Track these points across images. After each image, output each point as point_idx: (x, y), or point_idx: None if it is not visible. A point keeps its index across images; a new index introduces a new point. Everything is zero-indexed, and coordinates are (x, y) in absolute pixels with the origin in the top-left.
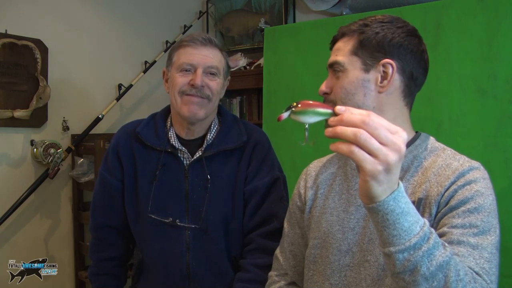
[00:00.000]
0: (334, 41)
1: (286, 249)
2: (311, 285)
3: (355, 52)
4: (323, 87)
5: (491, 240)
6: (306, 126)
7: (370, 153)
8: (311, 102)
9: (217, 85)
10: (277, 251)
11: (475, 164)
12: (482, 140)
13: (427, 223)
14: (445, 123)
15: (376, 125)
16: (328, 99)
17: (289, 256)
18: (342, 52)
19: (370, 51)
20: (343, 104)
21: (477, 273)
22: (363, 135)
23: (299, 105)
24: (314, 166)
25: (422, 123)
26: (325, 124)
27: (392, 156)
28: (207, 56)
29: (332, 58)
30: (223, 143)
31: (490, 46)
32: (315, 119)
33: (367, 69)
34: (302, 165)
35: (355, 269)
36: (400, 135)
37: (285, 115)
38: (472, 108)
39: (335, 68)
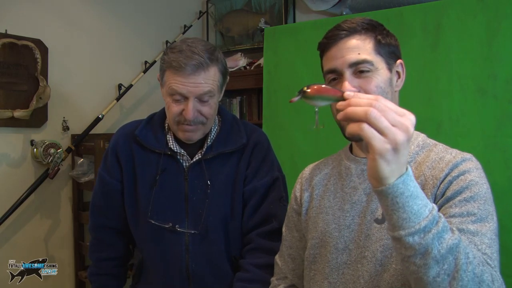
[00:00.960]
0: (336, 39)
1: (284, 253)
2: (312, 285)
3: (378, 52)
4: (350, 87)
5: (490, 226)
6: (316, 109)
7: (379, 131)
8: (322, 86)
9: (210, 109)
10: (276, 256)
11: (467, 155)
12: (482, 140)
13: (436, 208)
14: (445, 123)
15: (383, 107)
16: None
17: (288, 259)
18: (365, 50)
19: (388, 51)
20: None
21: None
22: (373, 112)
23: (309, 90)
24: (309, 169)
25: (422, 123)
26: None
27: (400, 136)
28: (199, 85)
29: (354, 57)
30: (222, 146)
31: (490, 46)
32: (325, 103)
33: (389, 69)
34: (302, 165)
35: (352, 266)
36: (408, 117)
37: (296, 98)
38: (472, 108)
39: (362, 68)
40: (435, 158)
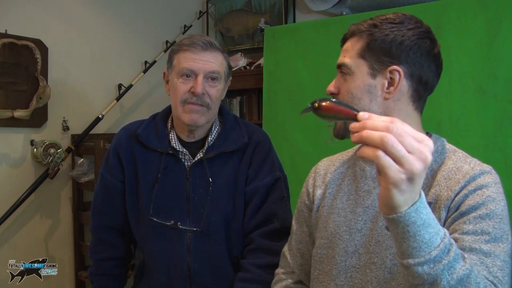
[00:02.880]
0: (344, 40)
1: (293, 247)
2: (317, 285)
3: (362, 55)
4: (331, 88)
5: (504, 247)
6: (329, 124)
7: (396, 160)
8: (334, 104)
9: (217, 92)
10: (285, 249)
11: (487, 168)
12: (482, 140)
13: (448, 234)
14: (445, 123)
15: (401, 132)
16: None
17: (297, 254)
18: (350, 53)
19: (378, 55)
20: None
21: (491, 282)
22: (390, 140)
23: (321, 107)
24: (324, 164)
25: (422, 123)
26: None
27: (417, 165)
28: (208, 61)
29: (340, 59)
30: (224, 145)
31: (490, 46)
32: (336, 120)
33: (373, 74)
34: (302, 165)
35: (361, 270)
36: (426, 144)
37: (306, 111)
38: (472, 108)
39: (342, 70)
40: (452, 168)
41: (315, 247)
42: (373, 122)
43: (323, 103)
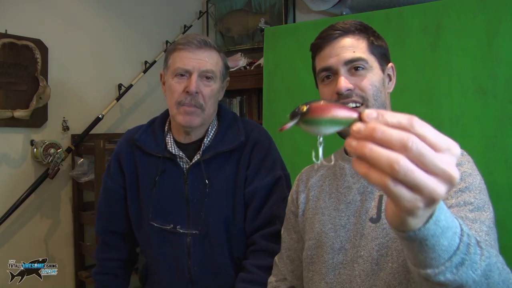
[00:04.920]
0: (330, 38)
1: (283, 255)
2: (310, 286)
3: (371, 51)
4: (347, 84)
5: (487, 215)
6: (320, 139)
7: (412, 188)
8: (325, 104)
9: (211, 92)
10: (276, 257)
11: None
12: (482, 140)
13: (463, 225)
14: (445, 123)
15: (421, 149)
16: (353, 95)
17: (287, 261)
18: (360, 49)
19: (380, 52)
20: (375, 101)
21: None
22: (403, 167)
23: (311, 110)
24: (305, 171)
25: None
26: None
27: (439, 190)
28: (202, 60)
29: (350, 55)
30: (220, 145)
31: (490, 46)
32: (333, 129)
33: (382, 70)
34: (302, 165)
35: (348, 266)
36: (452, 153)
37: (290, 124)
38: (472, 108)
39: (358, 65)
40: None
41: (305, 249)
42: (385, 133)
43: (314, 104)
